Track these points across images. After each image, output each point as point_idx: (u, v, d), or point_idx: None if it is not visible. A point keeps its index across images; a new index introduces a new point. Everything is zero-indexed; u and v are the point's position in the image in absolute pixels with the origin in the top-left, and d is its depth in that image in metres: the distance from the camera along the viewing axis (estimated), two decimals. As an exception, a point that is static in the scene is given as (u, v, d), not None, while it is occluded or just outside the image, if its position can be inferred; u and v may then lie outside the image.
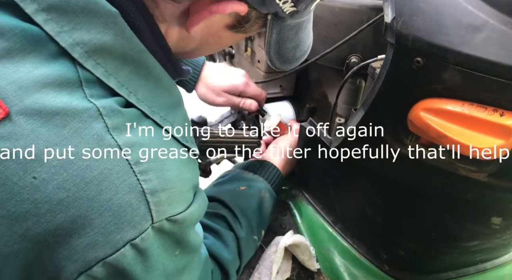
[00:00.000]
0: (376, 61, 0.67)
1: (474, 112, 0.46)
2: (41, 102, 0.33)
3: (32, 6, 0.34)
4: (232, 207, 0.68)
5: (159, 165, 0.38)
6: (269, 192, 0.76)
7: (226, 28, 0.46)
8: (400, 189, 0.63)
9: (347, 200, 0.76)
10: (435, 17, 0.46)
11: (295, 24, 0.49)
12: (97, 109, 0.35)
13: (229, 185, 0.75)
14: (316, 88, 0.92)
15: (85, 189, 0.33)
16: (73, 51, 0.35)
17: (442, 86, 0.48)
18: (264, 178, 0.78)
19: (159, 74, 0.42)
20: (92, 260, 0.34)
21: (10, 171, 0.31)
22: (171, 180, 0.39)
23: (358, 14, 0.72)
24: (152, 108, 0.41)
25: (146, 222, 0.36)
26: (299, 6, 0.44)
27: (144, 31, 0.40)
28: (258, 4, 0.42)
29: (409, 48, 0.48)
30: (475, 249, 0.66)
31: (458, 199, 0.57)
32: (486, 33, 0.43)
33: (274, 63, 0.54)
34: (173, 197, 0.39)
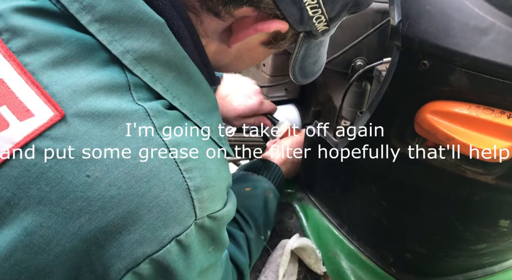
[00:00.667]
0: (381, 64, 0.68)
1: (481, 114, 0.46)
2: (93, 105, 0.35)
3: (87, 17, 0.37)
4: (240, 209, 0.69)
5: (201, 164, 0.40)
6: (273, 192, 0.77)
7: (261, 44, 0.49)
8: (406, 192, 0.62)
9: (353, 203, 0.76)
10: (442, 19, 0.47)
11: (320, 41, 0.51)
12: (145, 111, 0.37)
13: (234, 186, 0.75)
14: (321, 91, 0.93)
15: (135, 186, 0.35)
16: (123, 58, 0.37)
17: (449, 88, 0.48)
18: (268, 178, 0.79)
19: (199, 80, 0.44)
20: (140, 257, 0.35)
21: (66, 170, 0.33)
22: (213, 178, 0.41)
23: (363, 17, 0.72)
24: (193, 112, 0.43)
25: (190, 219, 0.38)
26: (331, 25, 0.46)
27: (186, 39, 0.42)
28: (297, 23, 0.44)
29: (415, 50, 0.48)
30: (483, 252, 0.66)
31: (466, 202, 0.57)
32: (493, 36, 0.43)
33: (296, 77, 0.56)
34: (214, 195, 0.41)
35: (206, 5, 0.41)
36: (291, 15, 0.42)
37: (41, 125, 0.34)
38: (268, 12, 0.42)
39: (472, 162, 0.51)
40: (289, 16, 0.42)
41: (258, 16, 0.43)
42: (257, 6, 0.41)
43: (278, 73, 0.94)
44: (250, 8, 0.41)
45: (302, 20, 0.43)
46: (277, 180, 0.80)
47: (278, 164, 0.82)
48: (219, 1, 0.40)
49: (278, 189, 0.79)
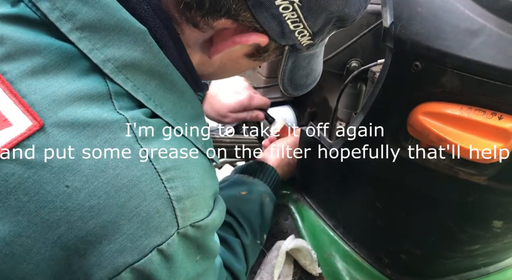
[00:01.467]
0: (376, 66, 0.68)
1: (473, 115, 0.46)
2: (73, 115, 0.35)
3: (67, 25, 0.36)
4: (236, 214, 0.69)
5: (184, 173, 0.40)
6: (269, 196, 0.76)
7: (245, 56, 0.49)
8: (401, 193, 0.63)
9: (349, 204, 0.76)
10: (433, 21, 0.47)
11: (309, 55, 0.51)
12: (126, 120, 0.37)
13: (230, 190, 0.75)
14: (317, 93, 0.93)
15: (115, 196, 0.35)
16: (104, 67, 0.37)
17: (441, 89, 0.48)
18: (264, 181, 0.79)
19: (183, 87, 0.44)
20: (121, 266, 0.35)
21: (44, 180, 0.33)
22: (196, 187, 0.41)
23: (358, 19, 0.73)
24: (177, 120, 0.43)
25: (172, 228, 0.38)
26: (316, 39, 0.46)
27: (170, 47, 0.42)
28: (278, 37, 0.44)
29: (407, 52, 0.49)
30: (477, 253, 0.66)
31: (459, 203, 0.57)
32: (484, 38, 0.43)
33: (286, 89, 0.56)
34: (197, 204, 0.41)
35: (185, 16, 0.41)
36: (271, 28, 0.42)
37: (19, 134, 0.33)
38: (247, 25, 0.42)
39: (464, 163, 0.51)
40: (269, 30, 0.42)
41: (237, 28, 0.43)
42: (235, 18, 0.41)
43: (274, 75, 0.94)
44: (228, 20, 0.41)
45: (283, 33, 0.43)
46: (273, 183, 0.80)
47: (274, 167, 0.81)
48: (197, 13, 0.40)
49: (274, 192, 0.79)
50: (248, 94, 0.87)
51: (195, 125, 0.45)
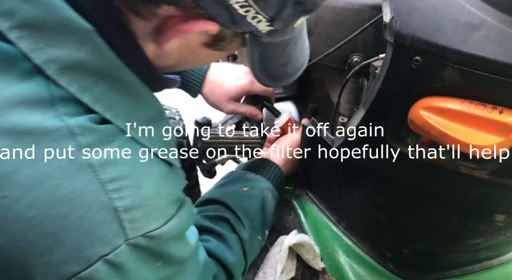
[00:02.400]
0: (377, 60, 0.68)
1: (474, 110, 0.46)
2: (12, 122, 0.33)
3: (5, 24, 0.34)
4: (235, 209, 0.69)
5: (134, 182, 0.38)
6: (271, 192, 0.76)
7: (203, 46, 0.45)
8: (402, 189, 0.63)
9: (351, 199, 0.76)
10: (433, 16, 0.47)
11: (281, 42, 0.48)
12: (69, 128, 0.35)
13: (231, 186, 0.76)
14: (319, 88, 0.93)
15: (56, 207, 0.34)
16: (47, 68, 0.35)
17: (442, 84, 0.48)
18: (266, 177, 0.78)
19: (138, 88, 0.43)
20: (66, 275, 0.34)
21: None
22: (148, 197, 0.39)
23: (359, 14, 0.72)
24: (131, 123, 0.41)
25: (119, 239, 0.37)
26: (276, 25, 0.42)
27: (120, 45, 0.39)
28: (229, 23, 0.40)
29: (408, 47, 0.48)
30: (480, 247, 0.66)
31: (461, 197, 0.57)
32: (484, 32, 0.43)
33: (261, 80, 0.53)
34: (149, 214, 0.39)
35: (126, 4, 0.39)
36: (218, 14, 0.39)
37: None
38: (192, 11, 0.39)
39: (465, 157, 0.51)
40: (217, 16, 0.39)
41: (183, 15, 0.39)
42: (176, 4, 0.38)
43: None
44: (170, 7, 0.38)
45: (233, 19, 0.40)
46: (277, 180, 0.80)
47: (278, 164, 0.81)
48: (137, 0, 0.38)
49: (277, 188, 0.79)
50: (249, 78, 0.84)
51: (154, 127, 0.43)
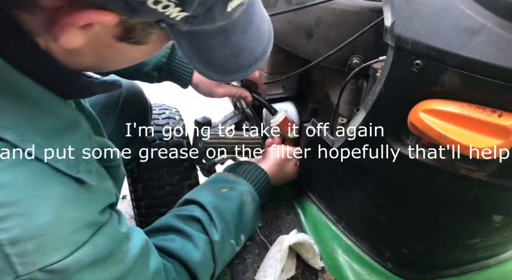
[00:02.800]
0: (377, 62, 0.68)
1: (473, 113, 0.47)
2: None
3: None
4: (210, 210, 0.66)
5: (24, 209, 0.34)
6: (251, 196, 0.73)
7: (117, 40, 0.40)
8: (402, 189, 0.63)
9: (351, 199, 0.77)
10: (434, 20, 0.47)
11: (216, 30, 0.42)
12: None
13: (211, 187, 0.73)
14: (319, 89, 0.93)
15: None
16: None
17: (442, 87, 0.49)
18: (249, 181, 0.76)
19: (35, 95, 0.38)
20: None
21: None
22: (43, 226, 0.35)
23: (359, 16, 0.73)
24: (25, 136, 0.35)
25: (7, 276, 0.33)
26: (191, 10, 0.36)
27: (12, 48, 0.35)
28: (127, 11, 0.34)
29: (408, 51, 0.49)
30: (478, 247, 0.67)
31: (460, 198, 0.58)
32: (484, 36, 0.44)
33: (206, 74, 0.47)
34: (45, 245, 0.35)
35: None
36: (111, 2, 0.34)
37: None
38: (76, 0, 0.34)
39: (465, 159, 0.52)
40: (108, 3, 0.34)
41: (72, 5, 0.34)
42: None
43: (275, 71, 0.95)
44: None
45: (130, 7, 0.34)
46: (260, 184, 0.77)
47: (265, 169, 0.80)
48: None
49: (260, 193, 0.76)
50: None
51: (58, 140, 0.38)
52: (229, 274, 0.76)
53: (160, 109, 1.12)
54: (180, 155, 1.03)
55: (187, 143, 1.07)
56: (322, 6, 0.75)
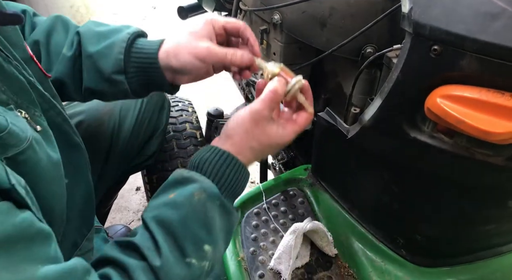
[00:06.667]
0: (391, 51, 0.69)
1: (492, 98, 0.47)
2: None
3: None
4: (151, 227, 0.54)
5: None
6: (206, 192, 0.56)
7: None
8: (417, 176, 0.64)
9: (364, 187, 0.78)
10: (453, 6, 0.48)
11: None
12: None
13: (161, 195, 0.58)
14: (331, 79, 0.94)
15: None
16: None
17: (460, 73, 0.49)
18: (205, 172, 0.57)
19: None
20: None
21: None
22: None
23: (373, 5, 0.73)
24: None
25: None
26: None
27: None
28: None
29: (426, 36, 0.50)
30: (492, 233, 0.68)
31: (475, 183, 0.58)
32: (503, 21, 0.44)
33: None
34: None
35: None
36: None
37: None
38: None
39: (482, 144, 0.52)
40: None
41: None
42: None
43: (289, 62, 0.95)
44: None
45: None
46: (223, 172, 0.58)
47: (231, 150, 0.58)
48: None
49: (226, 183, 0.58)
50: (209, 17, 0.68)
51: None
52: (244, 261, 0.77)
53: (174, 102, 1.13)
54: (194, 146, 1.05)
55: (200, 134, 1.09)
56: (336, -5, 0.75)
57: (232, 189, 0.59)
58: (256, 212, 0.84)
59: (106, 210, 1.18)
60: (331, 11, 0.78)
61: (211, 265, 0.57)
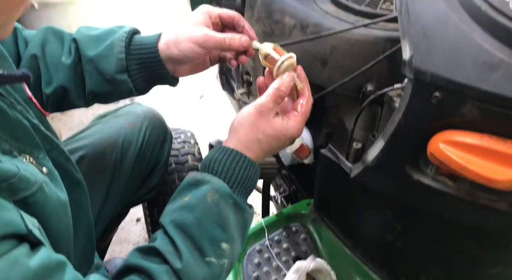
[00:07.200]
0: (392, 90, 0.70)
1: (494, 145, 0.47)
2: None
3: None
4: (169, 231, 0.56)
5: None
6: (219, 192, 0.57)
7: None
8: (421, 217, 0.64)
9: (367, 225, 0.77)
10: (452, 54, 0.49)
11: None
12: None
13: (176, 199, 0.60)
14: (333, 114, 0.95)
15: None
16: None
17: (461, 119, 0.50)
18: (216, 173, 0.59)
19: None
20: None
21: None
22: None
23: (374, 46, 0.75)
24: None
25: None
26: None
27: None
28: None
29: (427, 83, 0.50)
30: (498, 276, 0.66)
31: (480, 227, 0.58)
32: (503, 71, 0.45)
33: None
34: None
35: None
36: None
37: None
38: None
39: (485, 189, 0.52)
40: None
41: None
42: None
43: (290, 96, 0.96)
44: None
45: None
46: (233, 171, 0.59)
47: (239, 149, 0.60)
48: None
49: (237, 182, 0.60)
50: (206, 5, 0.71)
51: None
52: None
53: (176, 133, 1.14)
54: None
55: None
56: (337, 35, 0.76)
57: (243, 186, 0.61)
58: (258, 250, 0.83)
59: (106, 243, 1.16)
60: (332, 50, 0.80)
61: (230, 262, 0.58)
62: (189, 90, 2.45)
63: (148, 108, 1.03)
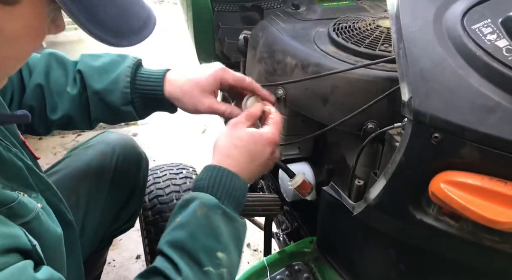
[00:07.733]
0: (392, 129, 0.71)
1: (495, 186, 0.48)
2: None
3: None
4: (166, 251, 0.58)
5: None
6: (207, 206, 0.61)
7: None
8: (425, 257, 0.63)
9: (371, 264, 0.76)
10: (450, 97, 0.50)
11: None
12: None
13: (171, 221, 0.63)
14: (334, 151, 0.96)
15: None
16: None
17: (461, 160, 0.50)
18: (204, 189, 0.63)
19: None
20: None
21: None
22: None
23: (374, 85, 0.77)
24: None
25: None
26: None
27: None
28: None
29: (427, 124, 0.52)
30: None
31: (485, 268, 0.57)
32: (500, 114, 0.46)
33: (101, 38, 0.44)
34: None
35: None
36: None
37: None
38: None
39: (488, 230, 0.52)
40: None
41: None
42: None
43: (292, 133, 0.98)
44: None
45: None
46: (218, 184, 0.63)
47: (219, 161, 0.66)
48: None
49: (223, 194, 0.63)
50: (219, 66, 0.75)
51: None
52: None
53: (178, 169, 1.14)
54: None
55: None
56: (338, 75, 0.79)
57: (231, 196, 0.64)
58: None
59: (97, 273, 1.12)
60: (332, 89, 0.82)
61: (228, 272, 0.60)
62: (191, 125, 2.50)
63: (119, 135, 1.02)
